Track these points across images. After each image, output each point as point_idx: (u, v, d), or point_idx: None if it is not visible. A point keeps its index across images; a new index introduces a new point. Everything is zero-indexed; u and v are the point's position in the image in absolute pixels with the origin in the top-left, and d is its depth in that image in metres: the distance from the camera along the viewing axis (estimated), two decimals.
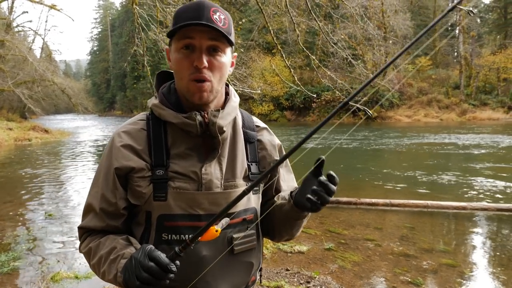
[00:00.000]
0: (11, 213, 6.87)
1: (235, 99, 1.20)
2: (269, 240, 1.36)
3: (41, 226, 6.14)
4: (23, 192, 8.82)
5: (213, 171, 1.10)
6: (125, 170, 1.08)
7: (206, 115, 1.09)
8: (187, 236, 1.04)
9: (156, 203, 1.06)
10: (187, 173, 1.08)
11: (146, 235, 1.09)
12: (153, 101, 1.16)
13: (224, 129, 1.11)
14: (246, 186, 1.14)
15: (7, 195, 8.47)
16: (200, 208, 1.07)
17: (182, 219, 1.06)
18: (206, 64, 1.03)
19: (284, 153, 1.28)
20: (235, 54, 1.17)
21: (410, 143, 16.76)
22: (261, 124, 1.30)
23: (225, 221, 0.94)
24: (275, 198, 1.25)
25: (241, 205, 1.10)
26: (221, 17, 1.03)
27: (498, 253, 4.78)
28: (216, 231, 0.91)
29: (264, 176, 0.96)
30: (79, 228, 1.17)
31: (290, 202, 1.10)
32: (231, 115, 1.14)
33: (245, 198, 1.08)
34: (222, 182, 1.11)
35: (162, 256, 0.92)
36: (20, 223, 6.34)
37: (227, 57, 1.09)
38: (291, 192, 1.13)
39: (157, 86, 1.22)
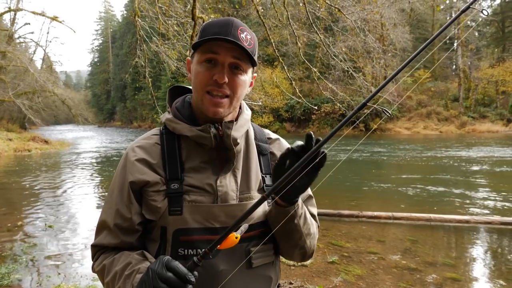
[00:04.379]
0: (9, 225, 6.81)
1: (247, 112, 1.21)
2: None
3: (41, 237, 6.09)
4: (22, 203, 8.77)
5: (228, 183, 1.09)
6: (140, 184, 1.07)
7: (220, 127, 1.09)
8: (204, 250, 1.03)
9: (171, 217, 1.05)
10: (202, 186, 1.07)
11: (162, 251, 1.07)
12: (166, 116, 1.16)
13: (238, 141, 1.11)
14: None
15: (6, 206, 8.42)
16: (216, 221, 1.06)
17: (199, 233, 1.05)
18: (226, 80, 1.03)
19: None
20: (255, 74, 1.18)
21: (410, 156, 16.76)
22: (273, 135, 1.30)
23: (244, 227, 0.91)
24: None
25: (258, 218, 1.09)
26: (247, 37, 1.04)
27: (502, 267, 4.75)
28: (236, 238, 0.89)
29: (281, 181, 0.91)
30: (92, 246, 1.15)
31: (269, 201, 1.07)
32: (244, 128, 1.15)
33: (261, 211, 1.09)
34: (238, 194, 1.10)
35: (180, 266, 0.89)
36: (20, 235, 6.28)
37: (247, 76, 1.09)
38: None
39: (169, 101, 1.22)
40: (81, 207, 8.32)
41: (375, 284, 4.16)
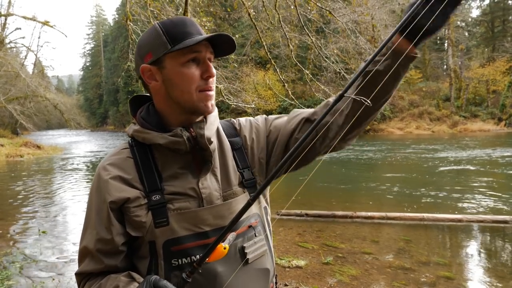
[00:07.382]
0: (2, 231, 6.76)
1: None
2: None
3: (34, 244, 6.05)
4: (15, 209, 8.71)
5: (210, 184, 1.08)
6: (119, 203, 1.03)
7: (191, 129, 1.07)
8: (198, 256, 1.00)
9: (158, 230, 1.01)
10: (185, 191, 1.05)
11: (154, 266, 1.03)
12: (133, 127, 1.12)
13: (212, 139, 1.09)
14: (244, 192, 1.12)
15: None
16: (205, 225, 1.04)
17: (190, 240, 1.02)
18: (215, 72, 1.06)
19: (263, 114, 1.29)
20: None
21: (403, 156, 16.85)
22: (236, 122, 1.26)
23: (231, 236, 0.90)
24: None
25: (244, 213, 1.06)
26: None
27: (495, 265, 4.80)
28: (224, 248, 0.87)
29: (267, 183, 0.91)
30: (77, 274, 1.10)
31: (399, 37, 0.96)
32: (214, 125, 1.12)
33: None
34: (221, 193, 1.09)
35: (169, 285, 0.87)
36: (13, 241, 6.24)
37: None
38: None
39: (132, 112, 1.18)
40: (75, 212, 8.27)
41: (369, 284, 4.19)
